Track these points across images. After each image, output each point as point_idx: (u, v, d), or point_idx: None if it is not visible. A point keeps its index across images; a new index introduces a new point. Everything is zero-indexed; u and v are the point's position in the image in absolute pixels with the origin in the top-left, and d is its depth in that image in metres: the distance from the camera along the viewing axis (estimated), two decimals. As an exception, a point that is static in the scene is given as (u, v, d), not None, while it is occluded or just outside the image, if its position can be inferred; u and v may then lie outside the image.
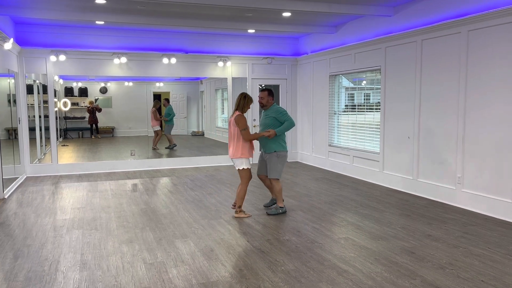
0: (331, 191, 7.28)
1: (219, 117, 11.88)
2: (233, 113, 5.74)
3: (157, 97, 11.52)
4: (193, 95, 12.19)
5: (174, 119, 11.44)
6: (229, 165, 9.91)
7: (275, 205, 6.03)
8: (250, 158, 5.72)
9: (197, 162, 10.16)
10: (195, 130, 12.46)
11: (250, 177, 5.71)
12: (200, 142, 12.09)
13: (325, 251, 4.34)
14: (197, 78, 11.65)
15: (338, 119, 9.39)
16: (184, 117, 12.07)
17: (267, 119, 5.87)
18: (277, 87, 10.62)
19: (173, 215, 5.86)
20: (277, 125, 5.79)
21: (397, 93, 7.40)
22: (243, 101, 5.65)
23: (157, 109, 11.06)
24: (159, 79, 11.23)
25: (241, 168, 5.64)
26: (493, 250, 4.40)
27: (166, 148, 11.22)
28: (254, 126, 10.17)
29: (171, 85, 11.84)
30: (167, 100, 11.40)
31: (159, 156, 10.94)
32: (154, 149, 11.07)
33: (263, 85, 10.56)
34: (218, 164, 10.29)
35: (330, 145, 9.47)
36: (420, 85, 6.83)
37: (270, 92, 5.89)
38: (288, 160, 10.75)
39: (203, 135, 12.26)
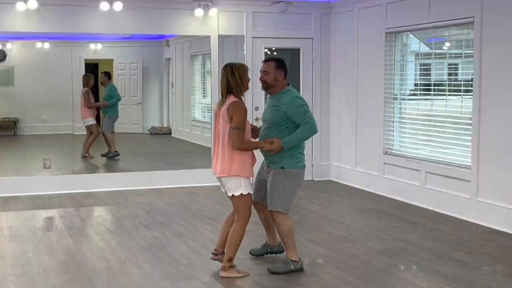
0: (388, 233, 7.07)
1: (198, 103, 10.85)
2: (222, 98, 5.17)
3: (91, 68, 10.33)
4: (154, 65, 11.18)
5: (120, 107, 10.24)
6: (213, 186, 9.03)
7: (284, 258, 5.56)
8: (251, 178, 5.17)
9: (158, 181, 9.22)
10: (156, 125, 11.69)
11: (250, 209, 5.32)
12: (164, 145, 11.25)
13: None
14: (161, 37, 10.69)
15: (401, 108, 8.62)
16: (138, 103, 10.96)
17: (274, 112, 5.24)
18: (295, 52, 9.56)
19: (114, 272, 5.53)
20: (287, 127, 5.23)
21: (504, 65, 6.79)
22: (233, 79, 5.16)
23: (91, 90, 9.97)
24: (94, 38, 10.26)
25: (236, 194, 5.21)
26: None
27: (102, 155, 10.13)
28: (256, 119, 9.08)
29: (116, 48, 10.79)
30: (107, 74, 10.38)
31: (94, 169, 9.93)
32: (84, 156, 9.99)
33: (273, 50, 9.55)
34: (194, 184, 9.58)
35: (386, 153, 8.72)
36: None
37: (279, 63, 5.32)
38: (316, 178, 9.99)
39: (170, 133, 11.39)
